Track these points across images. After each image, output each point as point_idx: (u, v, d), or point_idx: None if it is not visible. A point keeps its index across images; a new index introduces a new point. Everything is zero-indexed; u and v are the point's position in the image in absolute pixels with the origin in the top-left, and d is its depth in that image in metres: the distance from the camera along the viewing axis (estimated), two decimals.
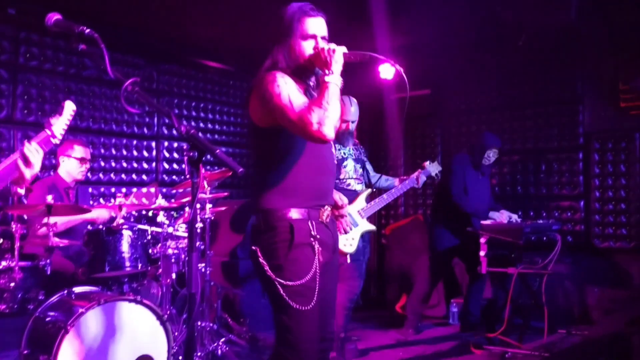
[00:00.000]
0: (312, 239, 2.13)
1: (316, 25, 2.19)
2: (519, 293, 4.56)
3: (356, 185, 4.04)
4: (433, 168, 4.33)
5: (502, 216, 4.66)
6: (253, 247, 2.16)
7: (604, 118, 5.29)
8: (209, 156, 1.71)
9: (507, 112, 5.87)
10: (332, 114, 2.01)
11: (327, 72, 2.08)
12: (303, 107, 2.02)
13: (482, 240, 4.40)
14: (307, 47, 2.17)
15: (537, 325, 4.59)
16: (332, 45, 2.12)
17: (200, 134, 5.37)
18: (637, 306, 4.42)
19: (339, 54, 2.10)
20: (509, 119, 5.85)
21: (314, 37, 2.18)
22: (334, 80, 2.07)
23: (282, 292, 2.07)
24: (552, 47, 5.43)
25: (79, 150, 4.11)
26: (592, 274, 5.03)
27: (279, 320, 2.12)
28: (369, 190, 4.04)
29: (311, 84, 2.24)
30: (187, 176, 1.68)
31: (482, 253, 4.39)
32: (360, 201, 3.95)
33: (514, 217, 4.66)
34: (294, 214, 2.12)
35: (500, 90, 5.93)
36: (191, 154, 1.68)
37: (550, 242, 4.50)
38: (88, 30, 1.72)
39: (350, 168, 4.04)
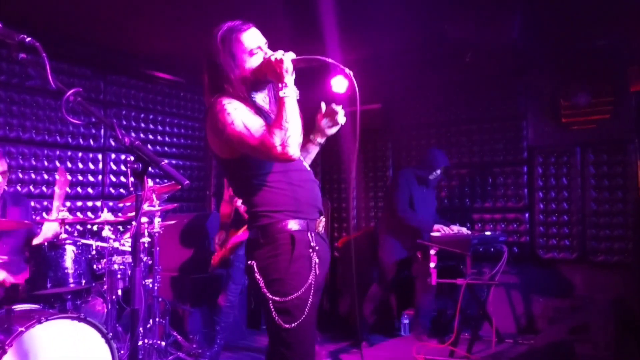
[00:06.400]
0: (310, 251, 2.08)
1: (254, 36, 2.15)
2: (468, 304, 4.65)
3: None
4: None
5: (450, 229, 4.76)
6: (249, 262, 2.08)
7: (547, 133, 5.49)
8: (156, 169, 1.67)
9: (455, 127, 6.01)
10: (294, 132, 1.94)
11: (280, 85, 2.01)
12: (262, 131, 1.96)
13: (432, 252, 4.48)
14: (255, 61, 2.12)
15: (485, 335, 4.70)
16: (279, 54, 2.03)
17: (148, 146, 5.26)
18: (579, 315, 4.56)
19: (287, 63, 2.01)
20: (456, 134, 5.99)
21: (258, 48, 2.13)
22: (289, 93, 1.99)
23: (278, 307, 2.01)
24: (497, 65, 5.60)
25: None
26: (537, 284, 5.18)
27: (276, 336, 2.05)
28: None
29: (264, 98, 2.21)
30: (132, 189, 1.64)
31: (431, 265, 4.47)
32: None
33: (463, 229, 4.77)
34: (294, 225, 2.07)
35: (448, 105, 6.08)
36: (135, 166, 1.65)
37: (497, 254, 4.63)
38: (29, 39, 1.66)
39: None
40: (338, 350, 4.73)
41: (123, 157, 5.52)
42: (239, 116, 1.99)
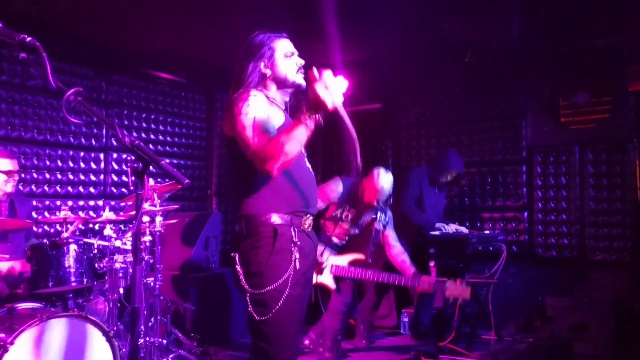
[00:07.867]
0: (292, 245, 2.12)
1: (290, 44, 2.30)
2: (467, 302, 4.67)
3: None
4: (454, 290, 3.91)
5: (450, 227, 4.77)
6: (232, 254, 2.14)
7: (546, 132, 5.51)
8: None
9: (455, 127, 6.03)
10: (285, 157, 1.97)
11: (310, 114, 1.95)
12: (261, 139, 2.01)
13: (431, 250, 4.50)
14: (289, 64, 2.26)
15: (484, 333, 4.72)
16: (331, 99, 1.92)
17: (150, 146, 5.27)
18: (578, 314, 4.58)
19: (331, 102, 1.91)
20: (456, 133, 6.01)
21: (292, 54, 2.28)
22: (310, 125, 1.97)
23: (255, 299, 2.06)
24: (496, 65, 5.63)
25: (2, 163, 3.76)
26: (536, 282, 5.19)
27: (255, 329, 2.09)
28: (360, 256, 4.18)
29: (283, 100, 2.30)
30: (132, 188, 1.65)
31: (431, 263, 4.49)
32: (343, 259, 4.15)
33: (462, 228, 4.78)
34: (277, 219, 2.12)
35: (448, 105, 6.10)
36: (136, 165, 1.67)
37: (496, 252, 4.64)
38: (29, 39, 1.67)
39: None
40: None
41: (125, 156, 5.54)
42: (253, 113, 2.06)
